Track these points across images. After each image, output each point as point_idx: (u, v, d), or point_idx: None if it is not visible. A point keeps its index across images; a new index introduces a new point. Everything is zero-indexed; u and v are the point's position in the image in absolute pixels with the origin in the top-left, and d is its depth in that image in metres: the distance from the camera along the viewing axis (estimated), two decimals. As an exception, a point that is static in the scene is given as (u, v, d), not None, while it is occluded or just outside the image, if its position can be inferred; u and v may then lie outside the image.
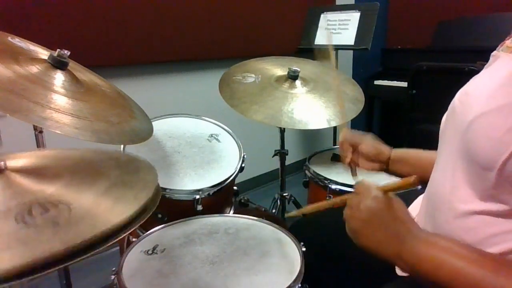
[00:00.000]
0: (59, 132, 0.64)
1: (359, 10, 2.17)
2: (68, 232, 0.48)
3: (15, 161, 0.64)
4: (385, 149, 0.96)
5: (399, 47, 2.81)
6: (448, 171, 0.61)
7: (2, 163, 0.58)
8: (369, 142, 0.96)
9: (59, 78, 0.77)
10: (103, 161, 0.71)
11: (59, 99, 0.72)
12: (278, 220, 1.37)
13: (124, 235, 0.53)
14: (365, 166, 0.97)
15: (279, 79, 1.34)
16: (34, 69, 0.74)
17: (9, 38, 0.84)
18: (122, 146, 1.10)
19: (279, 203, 1.70)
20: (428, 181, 0.86)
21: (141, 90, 1.93)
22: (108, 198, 0.57)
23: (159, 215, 1.05)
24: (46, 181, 0.60)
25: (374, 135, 0.99)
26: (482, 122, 0.53)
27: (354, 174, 0.98)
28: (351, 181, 1.21)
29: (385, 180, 0.70)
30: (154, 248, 0.86)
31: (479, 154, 0.53)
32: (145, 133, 0.89)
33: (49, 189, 0.57)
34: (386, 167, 0.96)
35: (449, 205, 0.59)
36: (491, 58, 0.63)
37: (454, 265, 0.53)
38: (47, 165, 0.67)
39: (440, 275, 0.53)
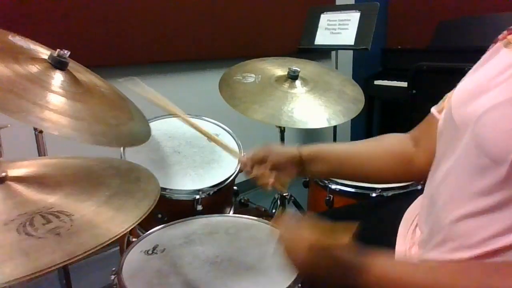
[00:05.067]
0: (56, 133, 0.64)
1: (359, 10, 2.17)
2: (70, 243, 0.49)
3: (15, 170, 0.64)
4: (293, 151, 0.86)
5: (399, 47, 2.81)
6: (451, 173, 0.61)
7: (4, 173, 0.58)
8: (274, 151, 0.85)
9: (58, 78, 0.76)
10: (104, 170, 0.71)
11: (58, 100, 0.71)
12: (278, 220, 1.36)
13: (124, 233, 0.53)
14: (281, 177, 0.84)
15: (279, 79, 1.34)
16: (34, 68, 0.74)
17: (10, 37, 0.83)
18: (122, 147, 1.10)
19: (279, 203, 1.70)
20: (347, 176, 0.86)
21: (141, 90, 1.93)
22: (109, 208, 0.58)
23: (159, 215, 1.05)
24: (47, 190, 0.60)
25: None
26: (493, 115, 0.53)
27: (284, 190, 0.86)
28: (351, 181, 1.21)
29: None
30: (154, 248, 0.85)
31: (490, 148, 0.52)
32: (142, 136, 0.89)
33: (50, 199, 0.58)
34: (301, 169, 0.86)
35: (451, 206, 0.59)
36: (488, 52, 0.63)
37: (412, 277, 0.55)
38: (47, 174, 0.67)
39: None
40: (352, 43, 2.15)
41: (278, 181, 0.82)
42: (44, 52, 0.86)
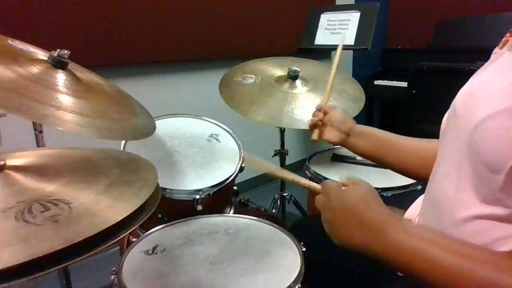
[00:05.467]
0: (60, 129, 0.64)
1: (359, 10, 2.17)
2: (68, 230, 0.48)
3: (14, 159, 0.64)
4: (351, 119, 0.99)
5: (399, 47, 2.81)
6: (452, 174, 0.60)
7: (2, 162, 0.58)
8: (337, 110, 1.01)
9: (60, 77, 0.77)
10: (103, 160, 0.71)
11: (61, 97, 0.72)
12: (278, 220, 1.36)
13: (125, 234, 0.53)
14: (327, 135, 1.00)
15: (279, 80, 1.34)
16: (35, 69, 0.74)
17: (9, 41, 0.84)
18: (122, 143, 1.10)
19: (279, 203, 1.70)
20: (387, 162, 0.88)
21: (141, 90, 1.92)
22: (108, 197, 0.57)
23: (159, 215, 1.05)
24: (45, 179, 0.60)
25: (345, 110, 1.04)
26: (492, 123, 0.52)
27: (314, 136, 1.03)
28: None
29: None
30: (154, 248, 0.86)
31: (487, 156, 0.52)
32: (147, 130, 0.89)
33: (49, 187, 0.57)
34: (346, 138, 0.97)
35: (453, 208, 0.59)
36: (492, 56, 0.62)
37: (432, 254, 0.52)
38: (46, 163, 0.67)
39: (417, 264, 0.53)
40: (352, 43, 2.15)
41: (318, 131, 1.02)
42: (43, 55, 0.86)
